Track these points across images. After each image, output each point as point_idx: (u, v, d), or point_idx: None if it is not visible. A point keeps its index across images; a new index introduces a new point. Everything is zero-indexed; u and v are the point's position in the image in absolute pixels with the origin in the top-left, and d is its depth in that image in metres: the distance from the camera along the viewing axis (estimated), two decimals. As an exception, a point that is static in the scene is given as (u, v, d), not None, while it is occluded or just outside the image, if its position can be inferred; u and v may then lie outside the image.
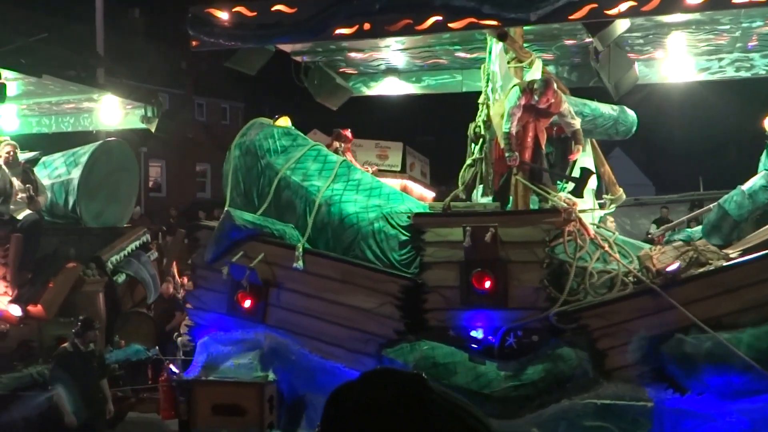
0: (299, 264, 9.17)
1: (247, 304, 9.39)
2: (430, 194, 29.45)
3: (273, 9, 9.00)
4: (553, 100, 8.59)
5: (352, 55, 11.46)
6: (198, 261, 9.80)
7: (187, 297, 9.94)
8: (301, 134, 11.00)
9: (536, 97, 8.58)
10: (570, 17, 8.02)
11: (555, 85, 8.64)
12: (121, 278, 12.12)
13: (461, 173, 9.17)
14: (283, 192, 10.15)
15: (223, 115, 42.80)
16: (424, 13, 8.46)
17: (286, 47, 10.81)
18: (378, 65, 12.09)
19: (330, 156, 10.56)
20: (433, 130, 40.26)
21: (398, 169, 26.06)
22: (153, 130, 13.58)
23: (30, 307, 10.48)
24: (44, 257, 10.90)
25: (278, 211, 10.05)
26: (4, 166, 10.84)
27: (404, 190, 26.23)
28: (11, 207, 10.72)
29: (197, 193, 39.21)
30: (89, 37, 19.23)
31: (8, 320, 10.61)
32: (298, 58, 11.47)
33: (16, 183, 10.84)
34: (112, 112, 14.00)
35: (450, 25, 8.41)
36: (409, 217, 9.18)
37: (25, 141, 14.46)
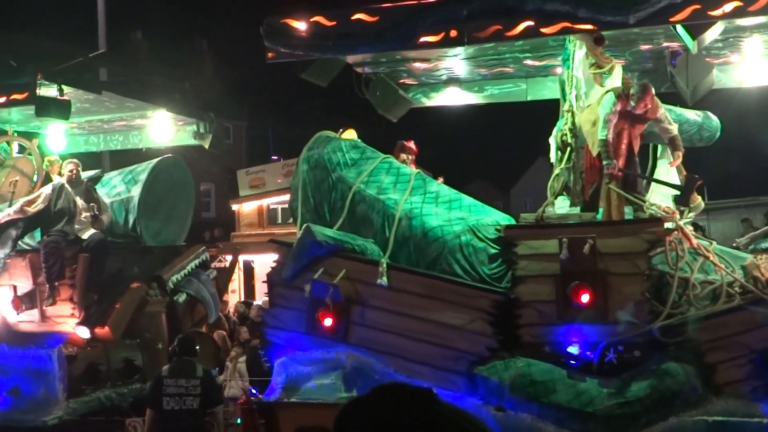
0: (384, 280, 8.86)
1: (328, 322, 9.08)
2: None
3: (353, 18, 8.74)
4: (650, 106, 8.29)
5: (416, 65, 11.21)
6: (275, 279, 9.50)
7: (264, 316, 9.62)
8: (369, 147, 10.75)
9: (633, 103, 8.28)
10: (671, 19, 7.74)
11: (653, 90, 8.34)
12: (181, 298, 11.85)
13: (550, 183, 8.86)
14: (358, 206, 9.88)
15: (227, 135, 42.56)
16: (514, 18, 8.19)
17: (349, 58, 10.58)
18: (440, 75, 11.84)
19: (403, 168, 10.29)
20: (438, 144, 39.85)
21: None
22: (207, 146, 13.38)
23: (97, 329, 10.19)
24: (109, 277, 10.62)
25: (353, 226, 9.77)
26: (67, 185, 10.59)
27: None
28: (76, 227, 10.45)
29: (202, 213, 38.78)
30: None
31: (75, 343, 10.34)
32: (359, 69, 11.22)
33: (80, 202, 10.59)
34: (164, 129, 13.81)
35: (542, 30, 8.13)
36: (497, 229, 8.88)
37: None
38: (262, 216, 22.22)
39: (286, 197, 21.88)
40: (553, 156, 9.72)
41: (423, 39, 8.54)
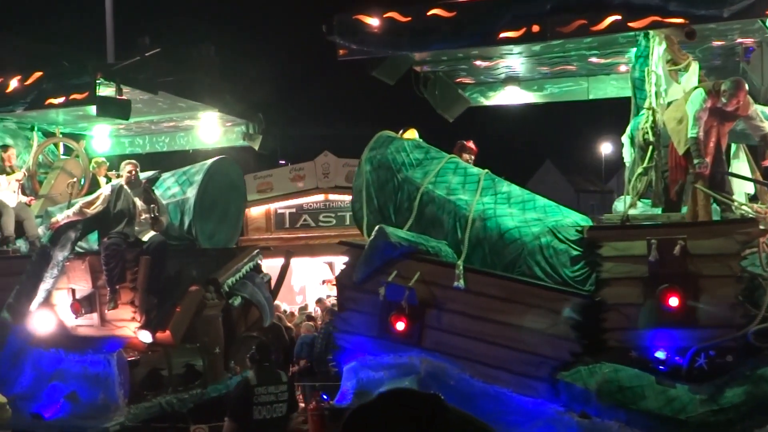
0: (460, 283, 8.62)
1: (402, 326, 8.84)
2: None
3: (429, 14, 8.51)
4: (742, 102, 8.02)
5: (478, 63, 10.95)
6: (345, 281, 9.27)
7: (336, 321, 9.38)
8: (432, 146, 10.52)
9: (724, 99, 8.02)
10: (768, 12, 7.48)
11: (746, 87, 8.08)
12: (236, 301, 11.61)
13: (633, 182, 8.59)
14: (427, 207, 9.64)
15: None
16: (601, 12, 7.95)
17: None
18: (499, 73, 11.58)
19: (470, 168, 10.05)
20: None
21: None
22: (257, 147, 13.17)
23: (158, 333, 9.97)
24: (168, 281, 10.39)
25: (421, 227, 9.53)
26: (126, 186, 10.38)
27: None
28: (136, 228, 10.24)
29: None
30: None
31: (135, 347, 10.12)
32: (418, 68, 10.98)
33: (139, 203, 10.38)
34: (212, 130, 13.61)
35: (630, 24, 7.89)
36: (578, 230, 8.62)
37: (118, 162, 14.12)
38: (270, 220, 22.06)
39: (294, 201, 21.99)
40: (626, 155, 9.45)
41: (503, 35, 8.31)
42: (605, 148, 52.39)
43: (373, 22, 8.70)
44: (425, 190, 9.65)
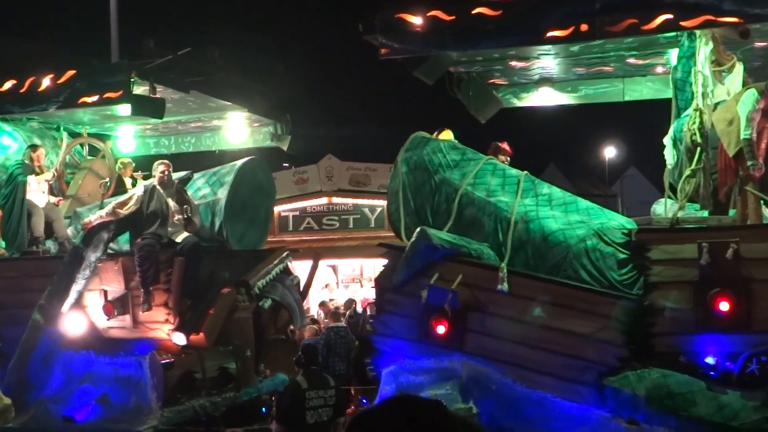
0: (505, 286, 8.47)
1: (442, 329, 8.71)
2: None
3: (474, 13, 8.37)
4: (795, 103, 7.88)
5: (513, 63, 10.82)
6: (385, 284, 9.13)
7: (372, 323, 9.23)
8: (469, 148, 10.40)
9: (778, 100, 7.87)
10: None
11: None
12: (267, 303, 11.47)
13: (681, 185, 8.44)
14: (466, 209, 9.50)
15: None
16: (652, 11, 7.81)
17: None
18: (533, 75, 11.45)
19: (508, 170, 9.91)
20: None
21: None
22: (285, 148, 13.05)
23: (192, 336, 9.83)
24: (201, 282, 10.26)
25: (460, 230, 9.38)
26: (158, 187, 10.25)
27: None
28: (169, 229, 10.11)
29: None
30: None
31: (168, 350, 9.99)
32: (452, 68, 10.85)
33: (172, 204, 10.24)
34: (239, 131, 13.50)
35: (682, 23, 7.76)
36: (625, 233, 8.47)
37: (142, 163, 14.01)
38: (273, 223, 21.95)
39: (297, 204, 21.80)
40: (668, 157, 9.31)
41: (551, 34, 8.18)
42: (609, 153, 52.19)
43: (416, 20, 8.57)
44: (464, 192, 9.51)
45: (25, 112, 10.57)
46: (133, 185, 13.42)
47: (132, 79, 9.96)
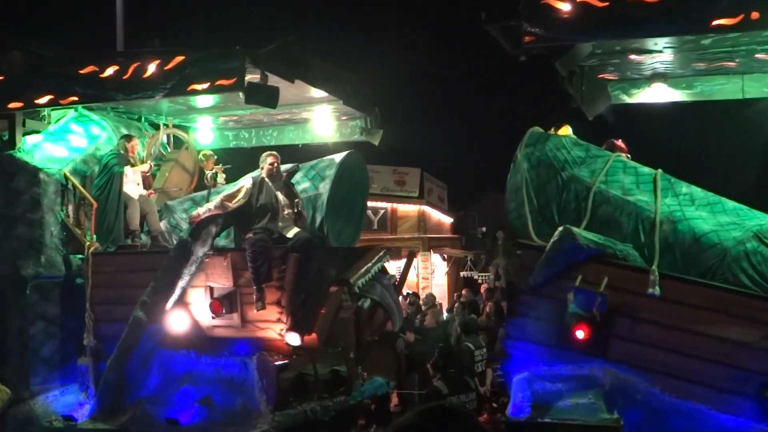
0: (656, 290, 7.96)
1: (585, 335, 8.21)
2: (447, 219, 28.33)
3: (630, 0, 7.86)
4: None
5: (632, 57, 10.32)
6: (521, 285, 8.64)
7: (507, 327, 8.75)
8: (591, 144, 9.93)
9: None
10: None
11: None
12: (366, 303, 11.01)
13: None
14: (600, 208, 9.01)
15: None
16: (832, -2, 7.28)
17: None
18: (645, 70, 10.94)
19: (640, 167, 9.41)
20: (450, 155, 38.95)
21: (416, 195, 25.28)
22: (376, 143, 12.57)
23: (305, 336, 9.37)
24: (311, 280, 9.77)
25: (594, 229, 8.87)
26: (267, 179, 9.77)
27: (422, 215, 25.36)
28: (279, 224, 9.63)
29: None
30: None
31: (278, 350, 9.50)
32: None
33: (281, 197, 9.77)
34: (326, 124, 13.04)
35: None
36: (789, 236, 7.97)
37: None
38: None
39: None
40: None
41: (716, 22, 7.65)
42: None
43: (565, 7, 8.08)
44: (597, 190, 9.03)
45: (129, 100, 10.08)
46: (214, 179, 12.99)
47: (246, 66, 9.46)
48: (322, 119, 12.91)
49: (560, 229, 8.38)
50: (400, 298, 13.24)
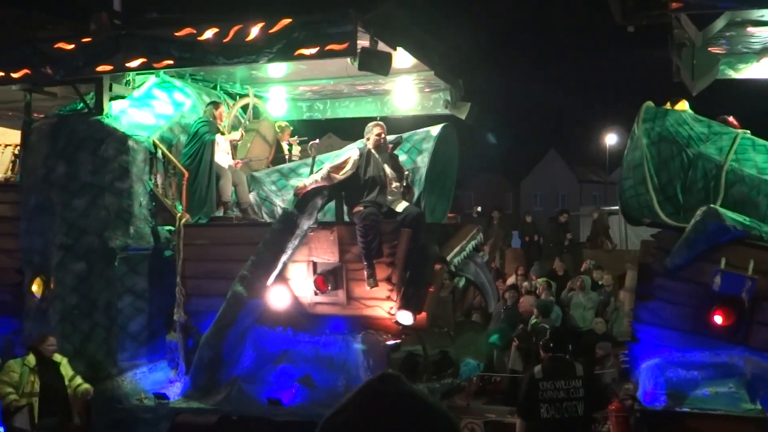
0: (806, 275, 7.56)
1: (725, 320, 7.82)
2: None
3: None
4: None
5: (750, 29, 9.84)
6: (655, 267, 8.22)
7: (638, 310, 8.34)
8: (712, 120, 9.50)
9: None
10: None
11: None
12: (461, 282, 10.61)
13: None
14: (733, 187, 8.60)
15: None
16: None
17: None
18: (755, 44, 10.46)
19: (771, 145, 8.99)
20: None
21: None
22: (463, 117, 12.06)
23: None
24: (418, 257, 9.34)
25: (726, 209, 8.48)
26: (374, 151, 9.31)
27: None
28: (388, 198, 9.19)
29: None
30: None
31: (387, 329, 9.09)
32: (676, 30, 9.87)
33: (388, 170, 9.32)
34: (408, 96, 12.53)
35: None
36: None
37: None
38: None
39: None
40: None
41: None
42: (610, 140, 51.17)
43: (718, -29, 7.61)
44: (730, 168, 8.61)
45: (230, 64, 9.57)
46: (290, 151, 12.54)
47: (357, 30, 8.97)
48: (404, 91, 12.40)
49: (703, 208, 7.97)
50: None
